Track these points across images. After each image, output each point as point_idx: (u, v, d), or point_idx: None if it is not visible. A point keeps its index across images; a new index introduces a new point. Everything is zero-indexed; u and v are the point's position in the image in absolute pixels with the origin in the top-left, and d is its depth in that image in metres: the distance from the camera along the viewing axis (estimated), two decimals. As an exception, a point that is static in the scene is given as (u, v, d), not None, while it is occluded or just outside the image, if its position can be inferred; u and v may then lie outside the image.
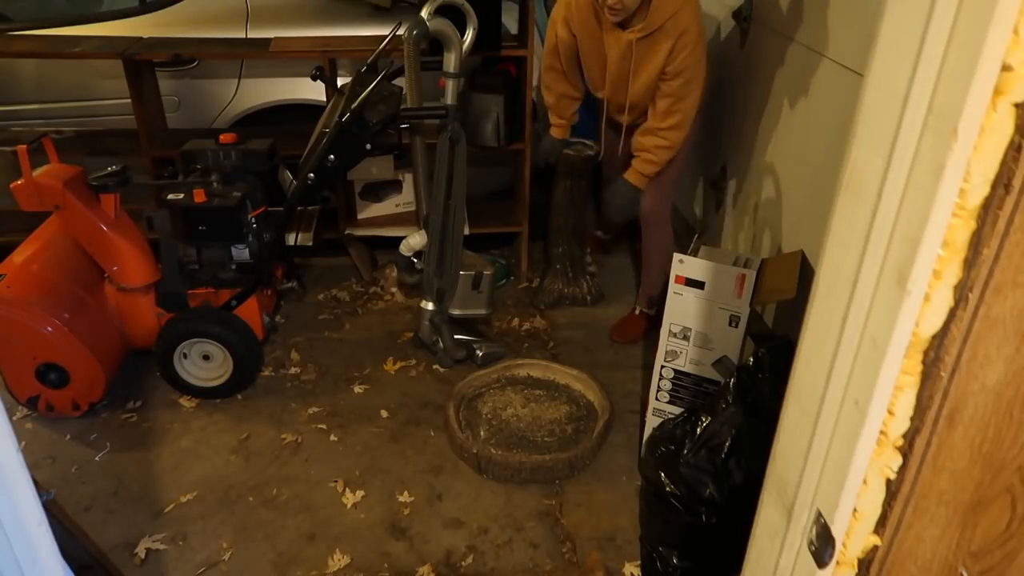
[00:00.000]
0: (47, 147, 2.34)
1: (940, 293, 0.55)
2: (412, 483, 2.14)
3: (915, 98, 0.54)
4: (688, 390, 2.04)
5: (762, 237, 2.35)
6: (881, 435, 0.62)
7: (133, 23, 2.97)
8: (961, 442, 0.61)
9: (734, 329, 1.91)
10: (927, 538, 0.67)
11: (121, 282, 2.34)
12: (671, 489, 1.71)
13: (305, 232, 2.95)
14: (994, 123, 0.49)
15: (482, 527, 2.00)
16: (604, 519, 2.03)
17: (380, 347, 2.71)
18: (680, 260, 1.91)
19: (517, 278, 3.14)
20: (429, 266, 2.49)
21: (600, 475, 2.17)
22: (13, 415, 2.34)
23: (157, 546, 1.92)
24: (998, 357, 0.57)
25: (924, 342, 0.57)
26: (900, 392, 0.60)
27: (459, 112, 2.42)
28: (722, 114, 2.66)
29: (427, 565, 1.89)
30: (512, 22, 2.98)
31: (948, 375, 0.58)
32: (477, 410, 2.38)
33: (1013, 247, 0.52)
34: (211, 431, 2.32)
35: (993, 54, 0.47)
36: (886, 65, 0.57)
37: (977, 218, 0.52)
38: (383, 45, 2.38)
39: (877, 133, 0.58)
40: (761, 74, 2.34)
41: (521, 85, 2.88)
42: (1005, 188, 0.51)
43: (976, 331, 0.56)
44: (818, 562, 0.70)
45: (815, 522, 0.71)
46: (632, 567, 1.89)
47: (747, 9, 2.42)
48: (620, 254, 3.33)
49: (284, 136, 2.61)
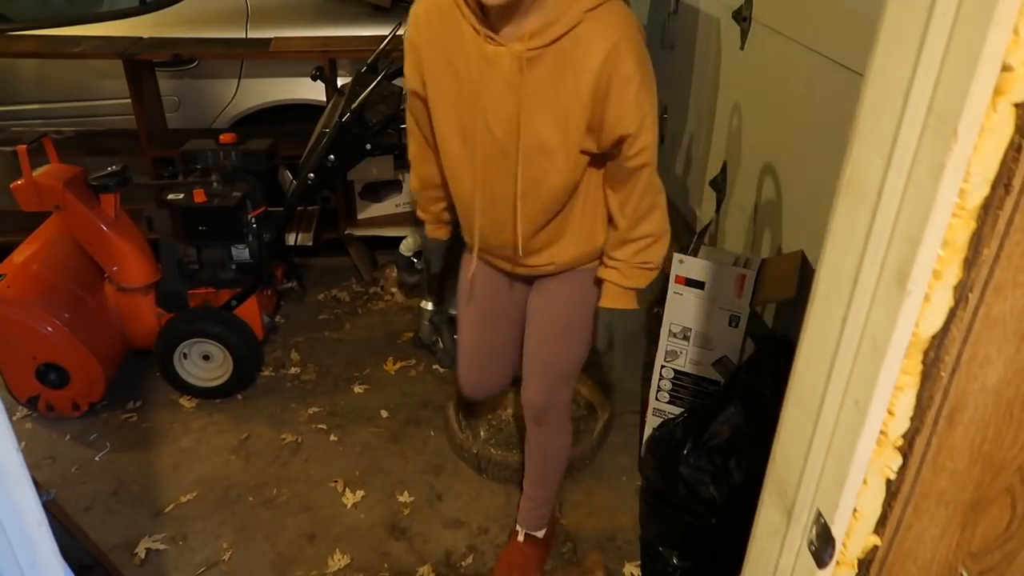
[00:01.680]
0: (47, 147, 2.35)
1: (940, 293, 0.55)
2: (412, 483, 2.14)
3: (915, 98, 0.54)
4: (688, 390, 2.04)
5: (762, 237, 2.35)
6: (881, 435, 0.62)
7: (133, 23, 2.97)
8: (961, 442, 0.61)
9: (734, 329, 1.91)
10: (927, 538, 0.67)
11: (121, 282, 2.34)
12: (671, 489, 1.71)
13: (305, 232, 2.95)
14: (994, 123, 0.49)
15: (482, 527, 2.00)
16: (604, 519, 2.03)
17: (380, 347, 2.71)
18: (680, 260, 1.91)
19: (517, 278, 3.14)
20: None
21: (600, 475, 2.17)
22: (13, 415, 2.34)
23: (157, 546, 1.92)
24: (998, 357, 0.57)
25: (924, 342, 0.57)
26: (900, 392, 0.60)
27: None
28: (722, 114, 2.66)
29: (427, 565, 1.89)
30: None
31: (948, 375, 0.58)
32: (477, 410, 2.38)
33: (1013, 247, 0.52)
34: (211, 431, 2.32)
35: (993, 54, 0.47)
36: (886, 65, 0.57)
37: (977, 218, 0.52)
38: (383, 45, 2.38)
39: (877, 133, 0.58)
40: (761, 74, 2.34)
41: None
42: (1005, 188, 0.51)
43: (976, 331, 0.56)
44: (818, 562, 0.70)
45: (815, 522, 0.71)
46: (632, 567, 1.89)
47: (747, 9, 2.42)
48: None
49: (284, 136, 2.61)
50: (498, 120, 1.33)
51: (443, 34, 1.34)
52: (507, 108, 1.32)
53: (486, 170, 1.40)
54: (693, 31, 2.79)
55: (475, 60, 1.31)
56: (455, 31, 1.32)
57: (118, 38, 2.85)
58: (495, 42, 1.28)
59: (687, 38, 2.84)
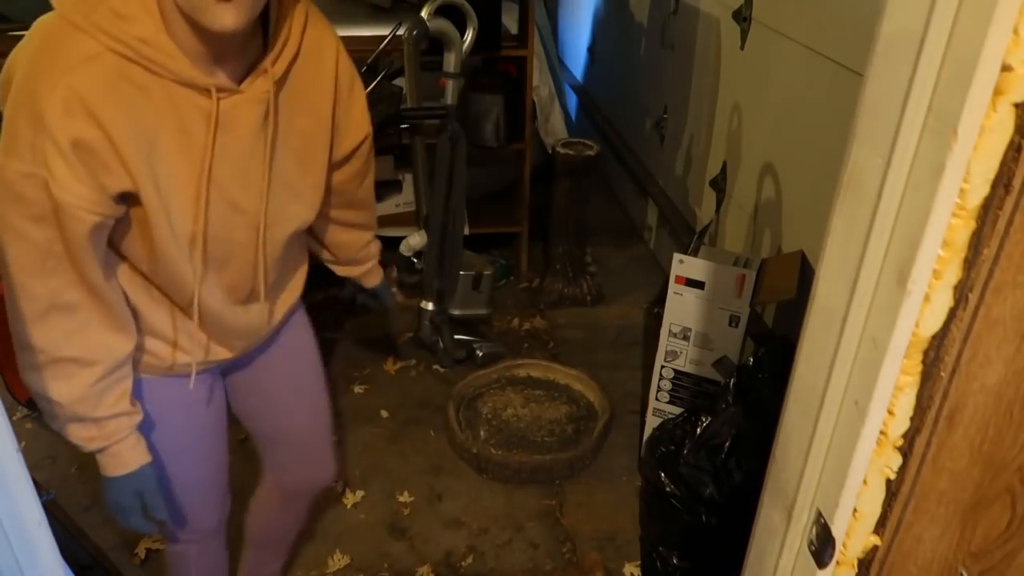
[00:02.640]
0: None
1: (940, 293, 0.55)
2: (412, 483, 2.14)
3: (915, 98, 0.54)
4: (688, 390, 2.04)
5: (762, 237, 2.35)
6: (881, 435, 0.62)
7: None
8: (961, 442, 0.61)
9: (734, 329, 1.91)
10: (927, 538, 0.67)
11: (121, 282, 2.33)
12: (671, 489, 1.71)
13: (305, 232, 2.94)
14: (994, 123, 0.49)
15: (482, 527, 2.00)
16: (604, 519, 2.03)
17: (380, 347, 2.71)
18: (680, 260, 1.91)
19: (517, 278, 3.14)
20: (429, 266, 2.49)
21: (600, 475, 2.17)
22: (13, 415, 2.34)
23: (157, 546, 1.92)
24: (998, 357, 0.57)
25: (924, 342, 0.57)
26: (900, 392, 0.60)
27: (459, 112, 2.42)
28: (722, 114, 2.66)
29: (427, 565, 1.89)
30: (512, 22, 2.98)
31: (948, 375, 0.58)
32: (477, 410, 2.38)
33: (1013, 247, 0.52)
34: (211, 431, 2.31)
35: (993, 54, 0.47)
36: (886, 65, 0.57)
37: (977, 218, 0.52)
38: (383, 45, 2.38)
39: (877, 133, 0.58)
40: (761, 74, 2.34)
41: (521, 85, 2.88)
42: (1005, 188, 0.51)
43: (976, 331, 0.56)
44: (818, 562, 0.70)
45: (815, 522, 0.71)
46: (632, 567, 1.89)
47: (747, 9, 2.42)
48: (620, 254, 3.33)
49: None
50: (242, 189, 1.02)
51: (136, 113, 0.89)
52: (253, 170, 1.02)
53: (225, 249, 1.06)
54: (693, 31, 2.79)
55: (197, 126, 0.94)
56: (147, 104, 0.90)
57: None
58: (228, 92, 0.95)
59: (687, 38, 2.84)
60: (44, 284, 0.93)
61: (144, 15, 0.88)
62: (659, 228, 3.26)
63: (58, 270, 0.92)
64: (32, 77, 0.86)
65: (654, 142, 3.22)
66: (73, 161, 0.87)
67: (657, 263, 3.23)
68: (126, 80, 0.88)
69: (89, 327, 0.98)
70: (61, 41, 0.87)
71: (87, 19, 0.86)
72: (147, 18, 0.88)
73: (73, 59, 0.86)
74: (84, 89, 0.85)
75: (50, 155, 0.86)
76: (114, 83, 0.87)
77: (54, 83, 0.85)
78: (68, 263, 0.92)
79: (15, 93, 0.87)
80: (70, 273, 0.93)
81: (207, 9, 0.84)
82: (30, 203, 0.87)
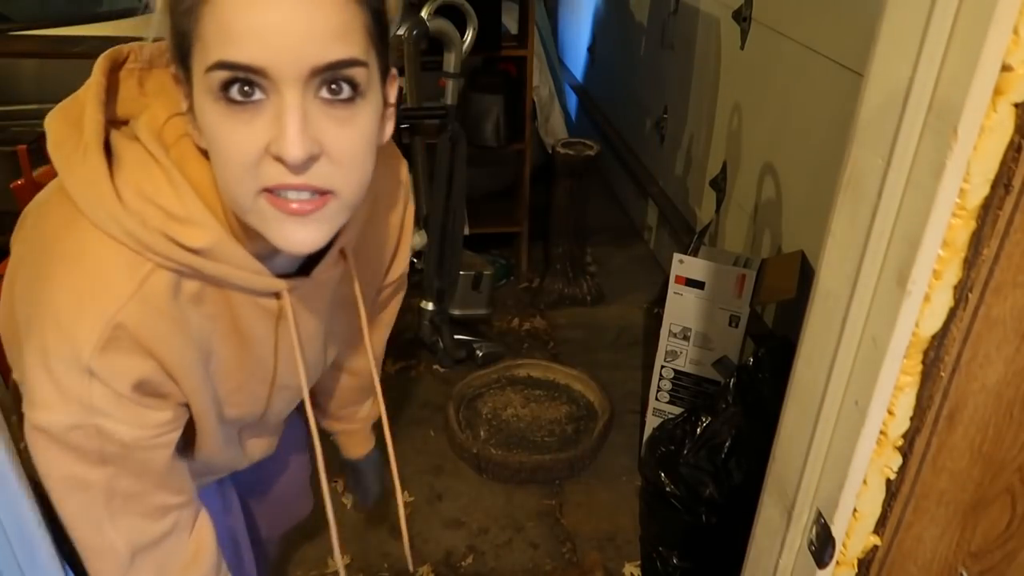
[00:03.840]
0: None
1: (940, 293, 0.55)
2: (412, 483, 2.14)
3: (915, 98, 0.54)
4: (688, 390, 2.05)
5: (762, 237, 2.35)
6: (881, 435, 0.62)
7: (133, 23, 2.97)
8: (961, 442, 0.61)
9: (734, 329, 1.91)
10: (927, 538, 0.67)
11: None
12: (671, 489, 1.71)
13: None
14: (994, 123, 0.49)
15: (482, 527, 2.00)
16: (604, 519, 2.03)
17: (380, 347, 2.70)
18: (680, 260, 1.91)
19: (517, 278, 3.14)
20: (429, 266, 2.49)
21: (600, 475, 2.17)
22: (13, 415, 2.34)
23: (157, 546, 1.92)
24: (998, 357, 0.57)
25: (924, 342, 0.57)
26: (900, 392, 0.60)
27: (459, 112, 2.42)
28: (722, 114, 2.66)
29: (427, 565, 1.89)
30: (512, 22, 2.98)
31: (948, 375, 0.58)
32: (477, 410, 2.38)
33: (1013, 247, 0.52)
34: (211, 431, 2.31)
35: (993, 54, 0.47)
36: (886, 65, 0.57)
37: (977, 218, 0.52)
38: (383, 45, 2.38)
39: (877, 133, 0.58)
40: (761, 74, 2.34)
41: (521, 85, 2.89)
42: (1005, 188, 0.51)
43: (976, 331, 0.56)
44: (818, 562, 0.70)
45: (815, 522, 0.71)
46: (632, 567, 1.89)
47: (747, 9, 2.42)
48: (620, 254, 3.33)
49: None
50: (293, 373, 0.89)
51: (187, 326, 0.73)
52: (314, 350, 0.92)
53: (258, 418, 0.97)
54: (693, 31, 2.79)
55: (257, 325, 0.80)
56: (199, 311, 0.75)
57: (118, 38, 2.83)
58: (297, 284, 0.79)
59: (687, 38, 2.85)
60: (115, 528, 0.79)
61: (204, 216, 0.68)
62: (659, 228, 3.26)
63: (127, 507, 0.78)
64: (64, 314, 0.66)
65: (654, 142, 3.22)
66: (135, 399, 0.72)
67: (657, 263, 3.23)
68: (179, 294, 0.71)
69: (180, 544, 0.84)
70: (98, 264, 0.67)
71: (129, 234, 0.66)
72: (208, 220, 0.68)
73: (117, 289, 0.67)
74: (134, 324, 0.67)
75: (103, 403, 0.70)
76: (167, 305, 0.70)
77: (95, 325, 0.66)
78: (138, 496, 0.78)
79: (39, 333, 0.67)
80: (143, 503, 0.79)
81: (276, 227, 0.65)
82: (85, 452, 0.72)
